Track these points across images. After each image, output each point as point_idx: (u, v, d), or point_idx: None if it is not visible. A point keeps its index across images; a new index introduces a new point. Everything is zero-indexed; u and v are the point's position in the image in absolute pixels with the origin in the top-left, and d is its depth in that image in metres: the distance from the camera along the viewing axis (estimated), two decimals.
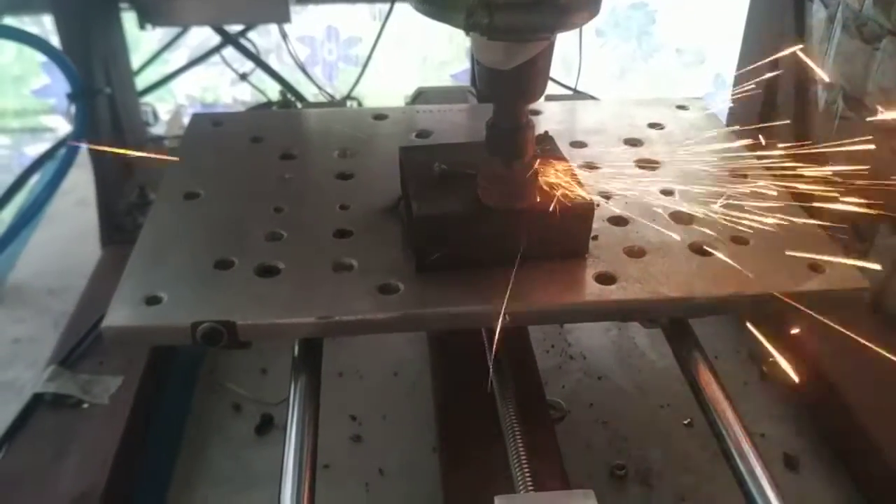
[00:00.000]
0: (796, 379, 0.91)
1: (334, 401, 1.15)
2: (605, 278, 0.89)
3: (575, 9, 0.76)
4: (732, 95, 1.58)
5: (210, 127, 1.23)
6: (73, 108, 1.31)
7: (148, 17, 1.46)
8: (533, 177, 0.89)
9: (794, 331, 1.17)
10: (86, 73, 1.32)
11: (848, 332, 1.13)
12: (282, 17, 1.51)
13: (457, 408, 1.03)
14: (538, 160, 0.90)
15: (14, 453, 0.99)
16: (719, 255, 0.93)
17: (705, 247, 0.94)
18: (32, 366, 1.20)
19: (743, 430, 0.83)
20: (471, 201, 0.90)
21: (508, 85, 0.82)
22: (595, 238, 0.95)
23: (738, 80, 1.58)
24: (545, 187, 0.91)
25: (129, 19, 1.51)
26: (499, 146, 0.87)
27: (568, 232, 0.91)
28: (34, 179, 1.50)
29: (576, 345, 1.28)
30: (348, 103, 1.69)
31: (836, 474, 1.06)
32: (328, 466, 1.05)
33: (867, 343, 0.95)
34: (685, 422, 1.14)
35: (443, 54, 2.28)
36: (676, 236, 0.95)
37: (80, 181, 1.50)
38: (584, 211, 0.91)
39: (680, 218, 1.00)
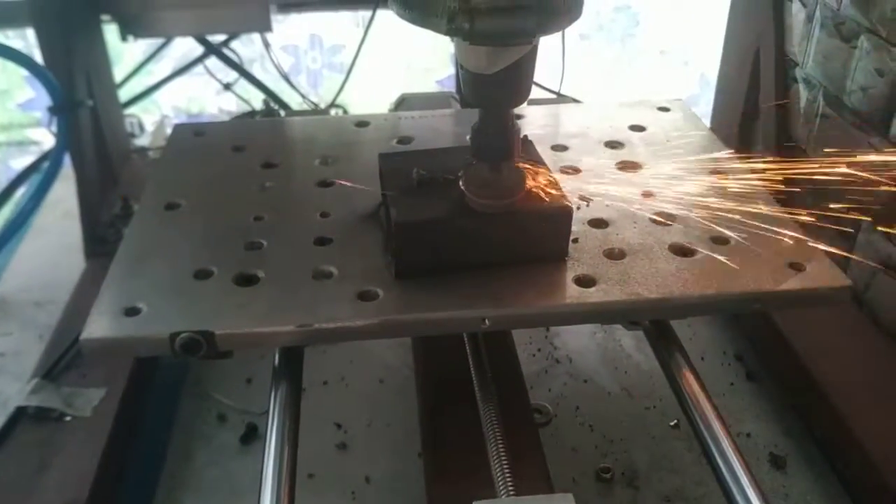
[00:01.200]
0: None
1: (319, 409, 1.15)
2: (585, 281, 0.89)
3: (556, 12, 0.76)
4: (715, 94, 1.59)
5: (192, 137, 1.23)
6: (54, 122, 1.31)
7: (129, 30, 1.47)
8: (520, 180, 0.89)
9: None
10: (67, 86, 1.32)
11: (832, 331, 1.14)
12: (263, 27, 1.51)
13: (441, 413, 1.03)
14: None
15: None
16: (699, 255, 0.93)
17: (685, 248, 0.94)
18: (18, 379, 1.19)
19: (725, 431, 0.83)
20: (450, 207, 0.90)
21: (492, 89, 0.82)
22: (575, 241, 0.95)
23: (721, 80, 1.59)
24: (525, 192, 0.91)
25: (111, 31, 1.52)
26: (485, 151, 0.87)
27: (547, 235, 0.91)
28: (20, 192, 1.50)
29: (562, 348, 1.27)
30: (333, 111, 1.68)
31: (823, 473, 1.06)
32: (313, 476, 1.05)
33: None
34: (672, 423, 1.13)
35: (427, 61, 2.29)
36: (656, 237, 0.96)
37: (67, 193, 1.50)
38: (563, 214, 0.91)
39: (660, 219, 1.00)
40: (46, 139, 1.77)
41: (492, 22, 0.74)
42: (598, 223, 0.99)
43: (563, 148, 1.17)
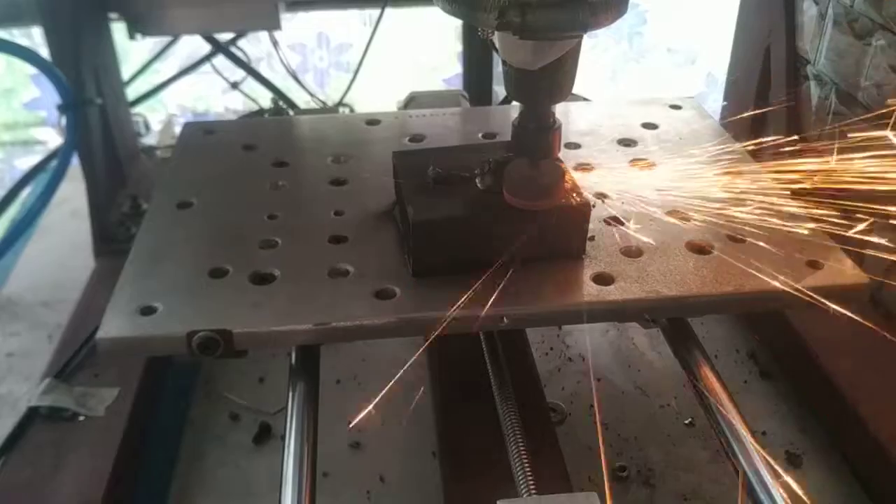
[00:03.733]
0: None
1: (333, 408, 1.13)
2: (603, 279, 0.89)
3: (605, 7, 0.76)
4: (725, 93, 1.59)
5: (202, 135, 1.22)
6: (63, 120, 1.30)
7: (137, 28, 1.46)
8: (560, 176, 0.88)
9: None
10: (76, 85, 1.32)
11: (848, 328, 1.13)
12: (272, 25, 1.51)
13: (456, 412, 1.03)
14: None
15: (10, 467, 0.97)
16: (717, 253, 0.93)
17: (702, 245, 0.94)
18: (27, 380, 1.19)
19: (745, 429, 0.83)
20: (467, 204, 0.90)
21: (536, 85, 0.82)
22: (591, 239, 0.94)
23: (731, 78, 1.59)
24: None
25: (119, 30, 1.51)
26: (526, 146, 0.87)
27: (564, 233, 0.91)
28: (26, 192, 1.50)
29: (574, 346, 1.27)
30: (340, 109, 1.68)
31: (839, 470, 1.06)
32: (328, 475, 1.04)
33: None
34: (686, 422, 1.13)
35: (434, 59, 2.28)
36: (673, 235, 0.95)
37: (74, 192, 1.49)
38: (581, 211, 0.90)
39: (676, 217, 0.99)
40: (52, 138, 1.77)
41: (543, 16, 0.73)
42: (614, 221, 0.99)
43: (576, 146, 1.16)
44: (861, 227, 0.95)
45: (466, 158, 0.94)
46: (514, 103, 1.48)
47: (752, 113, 1.46)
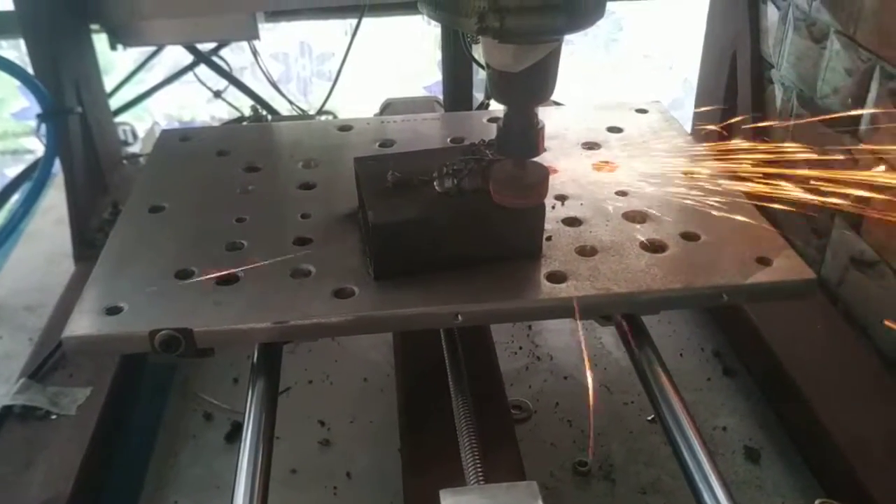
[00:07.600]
0: None
1: (304, 407, 1.17)
2: (557, 277, 0.91)
3: (583, 11, 0.79)
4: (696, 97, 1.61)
5: (178, 142, 1.25)
6: (43, 129, 1.33)
7: (118, 39, 1.49)
8: (544, 175, 0.91)
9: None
10: (56, 94, 1.35)
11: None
12: (251, 35, 1.54)
13: (419, 408, 1.05)
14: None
15: None
16: (670, 251, 0.95)
17: (656, 244, 0.97)
18: (7, 381, 1.21)
19: (692, 424, 0.85)
20: (425, 207, 0.92)
21: (518, 87, 0.85)
22: (548, 239, 0.97)
23: (701, 82, 1.61)
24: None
25: (101, 41, 1.54)
26: (510, 147, 0.89)
27: (521, 233, 0.94)
28: (13, 199, 1.52)
29: (543, 346, 1.29)
30: (322, 117, 1.71)
31: (795, 465, 1.07)
32: (295, 471, 1.07)
33: None
34: (649, 418, 1.15)
35: (416, 67, 2.31)
36: (628, 234, 0.98)
37: (59, 200, 1.52)
38: (535, 212, 0.93)
39: (633, 217, 1.02)
40: (41, 148, 1.80)
41: (522, 20, 0.76)
42: (572, 221, 1.02)
43: None
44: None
45: (426, 163, 0.97)
46: (490, 108, 1.52)
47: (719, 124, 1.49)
